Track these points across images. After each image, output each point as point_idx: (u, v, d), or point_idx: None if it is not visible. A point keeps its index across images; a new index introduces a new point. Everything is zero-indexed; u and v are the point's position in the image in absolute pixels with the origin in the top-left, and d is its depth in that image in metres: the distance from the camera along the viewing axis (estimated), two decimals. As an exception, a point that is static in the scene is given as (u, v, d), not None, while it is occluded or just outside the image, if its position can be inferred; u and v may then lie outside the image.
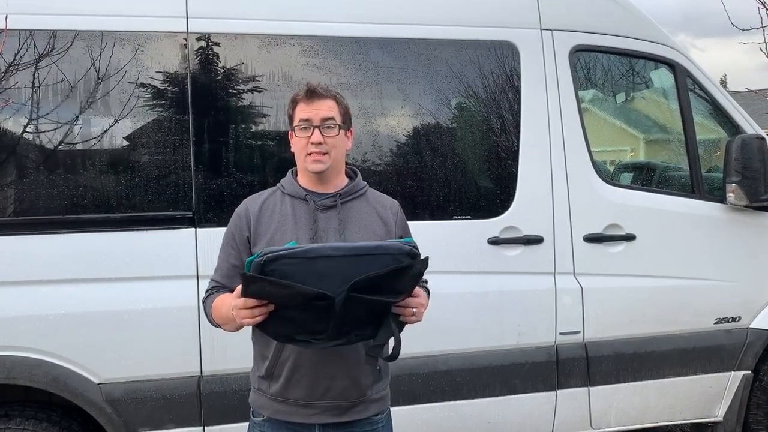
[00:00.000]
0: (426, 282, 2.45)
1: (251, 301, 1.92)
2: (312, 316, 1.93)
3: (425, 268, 2.02)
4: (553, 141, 3.60)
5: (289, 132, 2.30)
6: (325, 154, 2.20)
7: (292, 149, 2.30)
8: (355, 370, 2.18)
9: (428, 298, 2.39)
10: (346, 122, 2.28)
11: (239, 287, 1.97)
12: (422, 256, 2.01)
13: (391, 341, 2.08)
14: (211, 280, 2.33)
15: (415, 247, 2.01)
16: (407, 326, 2.11)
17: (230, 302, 2.06)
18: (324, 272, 1.90)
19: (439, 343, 3.37)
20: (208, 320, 2.30)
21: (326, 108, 2.22)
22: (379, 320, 2.03)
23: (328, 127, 2.21)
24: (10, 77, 3.00)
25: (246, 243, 2.25)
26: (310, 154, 2.20)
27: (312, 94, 2.21)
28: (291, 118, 2.27)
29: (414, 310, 2.05)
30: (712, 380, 3.87)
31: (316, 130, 2.19)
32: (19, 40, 2.99)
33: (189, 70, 3.18)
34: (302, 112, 2.22)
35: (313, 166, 2.22)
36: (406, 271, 1.97)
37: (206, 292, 2.32)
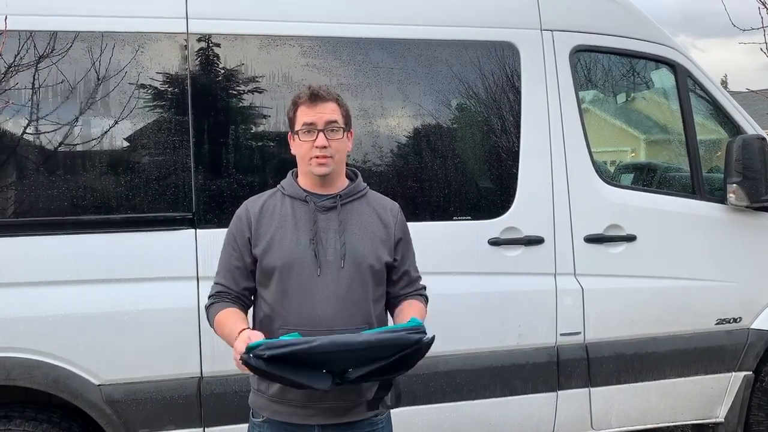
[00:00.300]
0: (424, 288, 2.46)
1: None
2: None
3: (430, 347, 2.04)
4: (554, 141, 3.59)
5: (290, 134, 2.30)
6: (329, 157, 2.21)
7: (292, 152, 2.30)
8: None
9: (426, 305, 2.41)
10: (348, 124, 2.29)
11: (239, 340, 2.02)
12: (427, 336, 2.03)
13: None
14: (215, 284, 2.33)
15: (423, 331, 2.03)
16: None
17: (232, 329, 2.13)
18: (328, 359, 1.96)
19: (439, 344, 3.30)
20: (210, 326, 2.31)
21: (329, 111, 2.21)
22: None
23: (332, 131, 2.21)
24: (10, 78, 3.00)
25: (247, 244, 2.26)
26: (314, 158, 2.20)
27: (315, 97, 2.21)
28: (292, 121, 2.26)
29: None
30: (713, 381, 3.86)
31: (321, 134, 2.19)
32: (19, 41, 2.99)
33: (189, 71, 3.18)
34: (305, 115, 2.21)
35: (317, 170, 2.22)
36: (412, 354, 2.01)
37: (210, 297, 2.32)
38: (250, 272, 2.28)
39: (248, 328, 2.16)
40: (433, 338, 2.04)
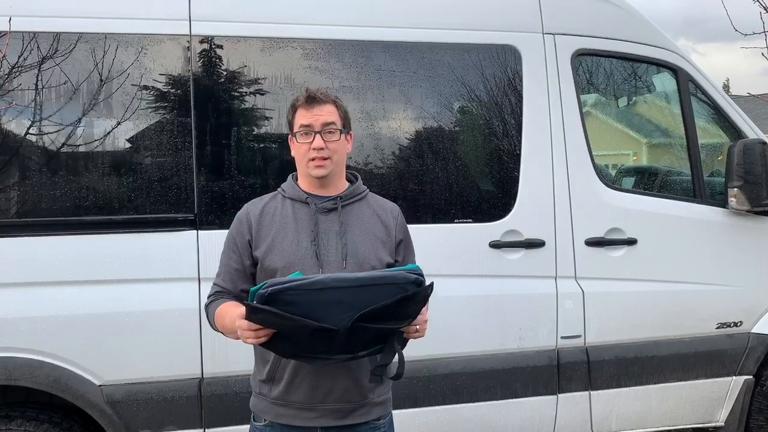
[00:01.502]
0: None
1: (255, 324, 1.94)
2: (317, 340, 1.96)
3: (430, 294, 2.02)
4: (555, 145, 3.60)
5: (290, 137, 2.31)
6: (326, 159, 2.21)
7: (292, 154, 2.31)
8: (356, 373, 2.18)
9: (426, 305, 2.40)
10: (346, 126, 2.29)
11: (244, 308, 1.98)
12: (427, 282, 2.00)
13: (396, 359, 2.09)
14: (214, 284, 2.33)
15: (421, 273, 2.01)
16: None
17: (233, 314, 2.08)
18: (329, 302, 1.92)
19: (440, 347, 3.37)
20: (210, 326, 2.31)
21: (326, 113, 2.22)
22: (384, 339, 2.04)
23: (329, 132, 2.22)
24: (13, 79, 3.01)
25: (248, 247, 2.26)
26: (312, 160, 2.21)
27: (312, 99, 2.22)
28: (291, 123, 2.28)
29: (417, 326, 2.07)
30: (713, 385, 3.86)
31: (318, 136, 2.20)
32: (22, 43, 3.00)
33: (192, 73, 3.19)
34: (302, 117, 2.22)
35: (315, 171, 2.22)
36: (411, 298, 1.98)
37: (209, 297, 2.32)
38: (249, 275, 2.29)
39: None
40: (432, 285, 2.01)
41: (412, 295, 1.98)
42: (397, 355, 2.08)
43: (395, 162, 3.48)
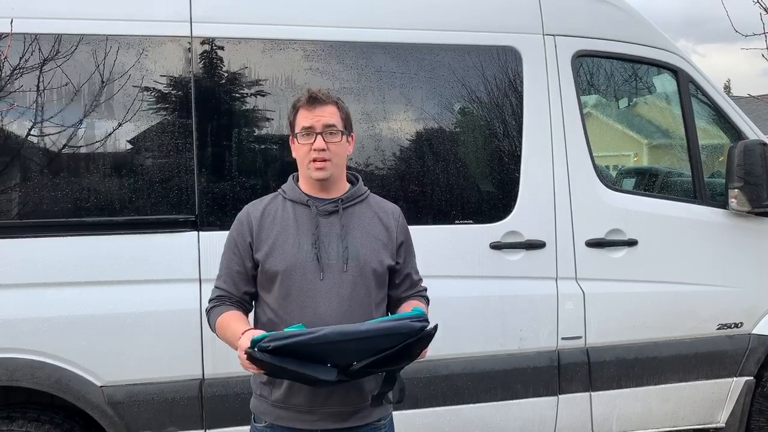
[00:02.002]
0: (425, 290, 2.46)
1: None
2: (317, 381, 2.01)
3: (433, 336, 2.04)
4: (556, 146, 3.60)
5: (291, 138, 2.31)
6: (327, 161, 2.21)
7: (293, 155, 2.31)
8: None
9: (427, 306, 2.41)
10: (347, 127, 2.29)
11: (243, 337, 2.02)
12: (430, 325, 2.02)
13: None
14: (215, 287, 2.33)
15: (426, 319, 2.03)
16: None
17: (235, 330, 2.13)
18: (333, 350, 1.96)
19: (440, 348, 3.34)
20: (211, 330, 2.31)
21: (328, 114, 2.22)
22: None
23: (331, 134, 2.22)
24: (15, 81, 3.02)
25: (248, 248, 2.26)
26: (312, 161, 2.21)
27: (314, 100, 2.22)
28: (292, 124, 2.28)
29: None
30: (714, 386, 3.86)
31: (319, 137, 2.20)
32: (24, 44, 3.01)
33: (192, 75, 3.19)
34: (304, 119, 2.22)
35: (316, 174, 2.22)
36: (415, 343, 2.01)
37: (210, 301, 2.32)
38: (251, 277, 2.29)
39: (251, 328, 2.17)
40: (436, 327, 2.03)
41: (416, 341, 2.00)
42: (397, 381, 2.11)
43: (396, 163, 3.49)
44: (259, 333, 2.03)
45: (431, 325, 2.03)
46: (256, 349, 1.92)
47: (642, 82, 4.16)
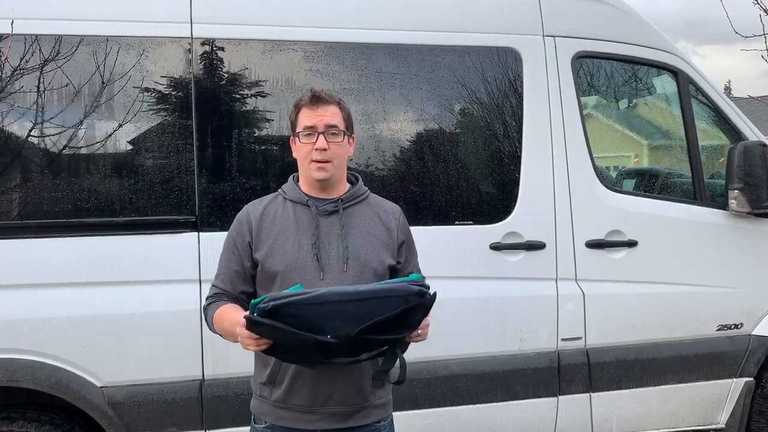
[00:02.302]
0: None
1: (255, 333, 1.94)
2: (318, 350, 1.96)
3: (433, 303, 2.01)
4: (556, 147, 3.60)
5: (291, 137, 2.31)
6: (328, 161, 2.21)
7: (294, 155, 2.31)
8: (357, 376, 2.18)
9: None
10: (349, 128, 2.29)
11: (243, 313, 1.98)
12: (430, 291, 2.00)
13: (397, 364, 2.10)
14: (213, 286, 2.33)
15: (424, 284, 2.01)
16: None
17: (232, 318, 2.10)
18: (331, 314, 1.91)
19: (440, 348, 3.37)
20: (209, 327, 2.31)
21: (330, 114, 2.22)
22: (386, 343, 2.04)
23: (333, 134, 2.22)
24: (15, 81, 3.02)
25: (248, 248, 2.26)
26: (313, 161, 2.21)
27: (316, 99, 2.22)
28: (294, 123, 2.28)
29: (419, 331, 2.08)
30: (714, 387, 3.86)
31: (321, 137, 2.20)
32: (24, 45, 3.01)
33: (193, 75, 3.20)
34: (306, 118, 2.22)
35: (317, 174, 2.22)
36: (414, 309, 1.98)
37: (207, 299, 2.33)
38: (249, 276, 2.29)
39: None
40: (435, 294, 2.00)
41: (415, 306, 1.97)
42: (399, 360, 2.09)
43: (396, 164, 3.49)
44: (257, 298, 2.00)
45: (431, 291, 2.00)
46: (255, 314, 1.89)
47: (642, 83, 4.17)
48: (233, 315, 2.13)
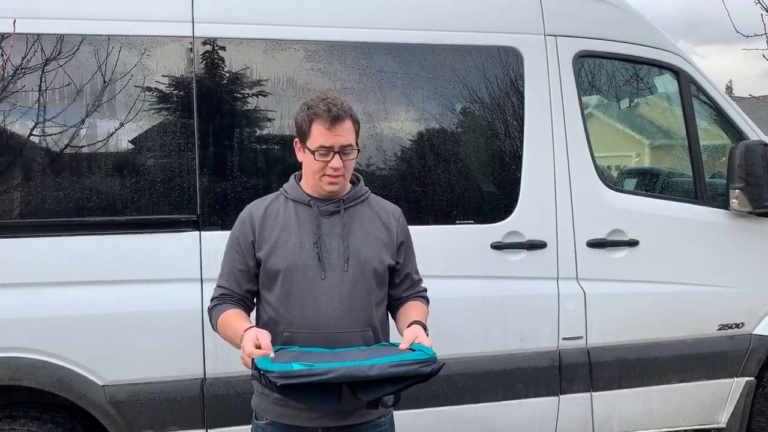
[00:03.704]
0: (425, 290, 2.47)
1: None
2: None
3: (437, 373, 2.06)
4: (557, 146, 3.61)
5: (296, 141, 2.30)
6: (340, 176, 2.22)
7: (299, 159, 2.31)
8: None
9: (427, 306, 2.42)
10: (358, 136, 2.29)
11: (253, 339, 2.04)
12: (437, 362, 2.05)
13: None
14: (217, 286, 2.34)
15: (435, 362, 2.04)
16: None
17: (236, 328, 2.14)
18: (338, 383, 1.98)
19: (441, 348, 3.31)
20: (213, 328, 2.32)
21: (346, 132, 2.20)
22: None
23: (347, 153, 2.22)
24: (17, 81, 3.02)
25: (251, 247, 2.27)
26: (326, 176, 2.21)
27: (334, 119, 2.17)
28: (305, 134, 2.23)
29: None
30: (715, 386, 3.86)
31: (336, 156, 2.19)
32: (26, 44, 3.02)
33: (195, 75, 3.20)
34: (323, 137, 2.18)
35: (329, 188, 2.24)
36: (420, 380, 2.05)
37: (212, 300, 2.33)
38: (253, 275, 2.30)
39: (254, 326, 2.17)
40: (442, 365, 2.05)
41: (420, 378, 2.04)
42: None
43: (397, 163, 3.49)
44: (262, 337, 2.04)
45: (439, 365, 2.05)
46: (262, 376, 1.94)
47: (643, 82, 4.16)
48: (237, 325, 2.16)
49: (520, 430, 3.58)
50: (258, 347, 2.03)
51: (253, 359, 1.99)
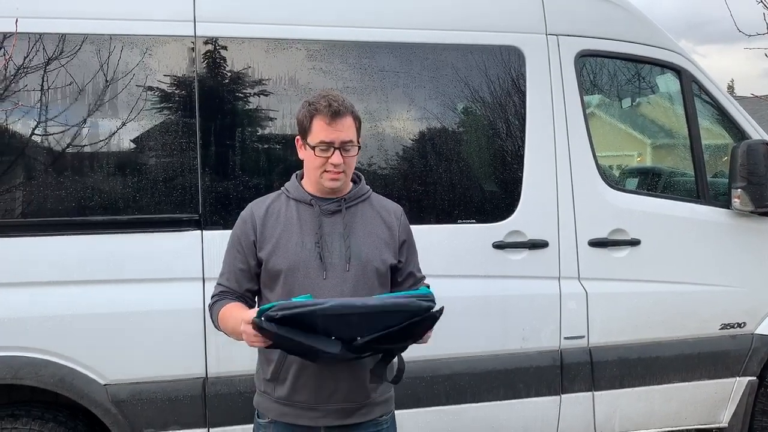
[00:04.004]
0: (429, 287, 2.47)
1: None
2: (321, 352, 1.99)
3: (439, 318, 2.03)
4: (559, 146, 3.60)
5: (298, 139, 2.30)
6: (341, 172, 2.22)
7: (300, 156, 2.31)
8: (359, 373, 2.19)
9: None
10: (359, 132, 2.29)
11: (250, 311, 2.01)
12: (436, 307, 2.01)
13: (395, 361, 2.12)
14: (218, 284, 2.34)
15: (432, 299, 2.01)
16: None
17: (237, 317, 2.11)
18: (338, 323, 1.94)
19: (442, 347, 3.37)
20: (214, 326, 2.32)
21: (347, 128, 2.20)
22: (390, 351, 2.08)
23: (348, 149, 2.22)
24: (19, 80, 3.03)
25: (252, 247, 2.27)
26: (326, 172, 2.22)
27: (335, 115, 2.17)
28: (306, 130, 2.23)
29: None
30: (716, 386, 3.86)
31: (337, 152, 2.19)
32: (28, 44, 3.02)
33: (196, 74, 3.20)
34: (323, 132, 2.18)
35: (329, 184, 2.23)
36: (420, 323, 2.00)
37: (212, 297, 2.33)
38: (254, 274, 2.30)
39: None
40: (442, 309, 2.02)
41: (421, 320, 1.99)
42: (397, 359, 2.11)
43: (399, 162, 3.49)
44: (266, 304, 2.02)
45: (438, 307, 2.02)
46: (263, 319, 1.90)
47: (645, 81, 4.16)
48: (238, 313, 2.14)
49: (521, 429, 3.58)
50: None
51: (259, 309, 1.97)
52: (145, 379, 3.11)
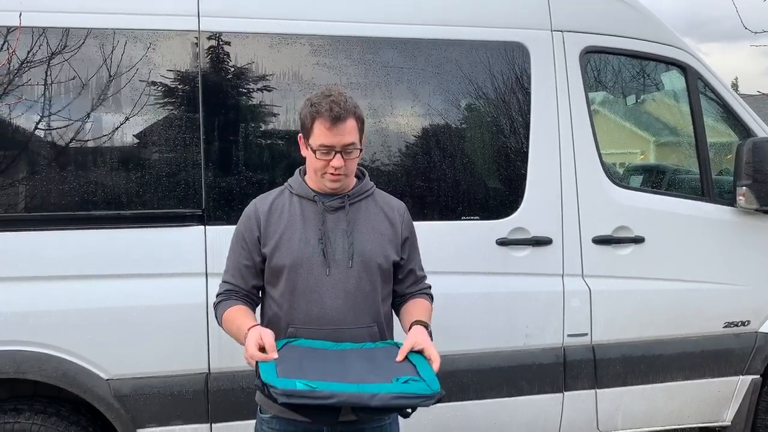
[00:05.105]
0: (429, 288, 2.47)
1: None
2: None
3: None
4: (563, 142, 3.59)
5: (300, 137, 2.29)
6: (342, 174, 2.21)
7: (302, 154, 2.30)
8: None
9: (431, 303, 2.41)
10: (362, 132, 2.27)
11: (251, 332, 2.05)
12: (439, 394, 2.07)
13: None
14: (223, 282, 2.34)
15: (439, 393, 2.07)
16: None
17: (241, 326, 2.14)
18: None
19: (445, 344, 3.33)
20: (218, 324, 2.32)
21: (348, 132, 2.18)
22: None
23: (349, 152, 2.20)
24: (23, 75, 3.02)
25: (256, 243, 2.27)
26: (327, 173, 2.21)
27: (336, 119, 2.15)
28: (308, 131, 2.22)
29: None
30: (720, 384, 3.85)
31: (338, 155, 2.18)
32: (32, 38, 3.01)
33: (200, 69, 3.19)
34: (324, 135, 2.17)
35: (331, 185, 2.23)
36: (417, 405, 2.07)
37: (218, 295, 2.33)
38: (259, 270, 2.30)
39: (257, 324, 2.17)
40: (443, 395, 2.07)
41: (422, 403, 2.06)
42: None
43: (403, 159, 3.48)
44: (266, 336, 2.04)
45: (439, 394, 2.06)
46: (265, 387, 1.94)
47: (650, 78, 4.14)
48: (241, 323, 2.16)
49: (524, 426, 3.58)
50: (261, 348, 2.03)
51: (257, 365, 1.99)
52: (147, 374, 3.11)
